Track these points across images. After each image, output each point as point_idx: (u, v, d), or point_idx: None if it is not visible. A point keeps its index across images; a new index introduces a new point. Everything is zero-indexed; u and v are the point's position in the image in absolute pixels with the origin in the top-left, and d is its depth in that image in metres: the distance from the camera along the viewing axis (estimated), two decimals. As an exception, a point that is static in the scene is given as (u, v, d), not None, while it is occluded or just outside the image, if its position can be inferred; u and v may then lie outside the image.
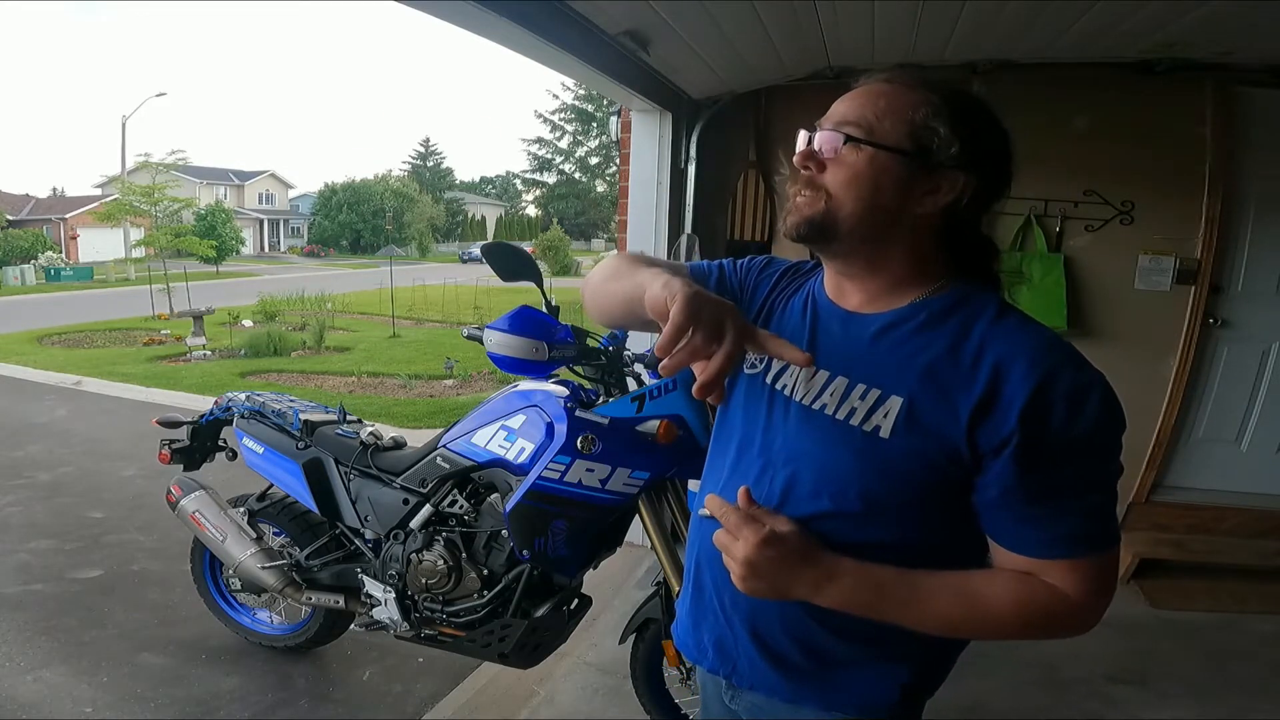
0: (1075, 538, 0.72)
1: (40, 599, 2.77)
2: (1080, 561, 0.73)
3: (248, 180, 40.53)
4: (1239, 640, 2.56)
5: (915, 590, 0.75)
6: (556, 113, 42.28)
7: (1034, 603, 0.73)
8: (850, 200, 0.76)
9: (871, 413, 0.76)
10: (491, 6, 1.77)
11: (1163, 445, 3.02)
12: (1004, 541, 0.75)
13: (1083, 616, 0.74)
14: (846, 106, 0.78)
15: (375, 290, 15.51)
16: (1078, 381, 0.70)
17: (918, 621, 0.76)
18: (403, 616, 1.97)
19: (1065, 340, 0.75)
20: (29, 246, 24.84)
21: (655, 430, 1.66)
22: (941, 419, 0.73)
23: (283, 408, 2.22)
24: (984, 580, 0.76)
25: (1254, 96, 2.78)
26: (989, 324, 0.75)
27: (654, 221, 3.10)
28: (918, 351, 0.76)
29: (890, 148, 0.75)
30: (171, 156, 15.72)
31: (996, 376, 0.71)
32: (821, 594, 0.76)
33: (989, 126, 0.78)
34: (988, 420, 0.71)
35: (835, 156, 0.77)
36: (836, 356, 0.82)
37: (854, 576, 0.75)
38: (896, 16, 2.27)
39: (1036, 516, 0.73)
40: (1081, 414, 0.70)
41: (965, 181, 0.75)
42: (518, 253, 1.76)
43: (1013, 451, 0.70)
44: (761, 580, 0.76)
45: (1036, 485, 0.71)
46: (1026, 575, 0.74)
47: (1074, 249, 2.97)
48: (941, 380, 0.74)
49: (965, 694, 0.80)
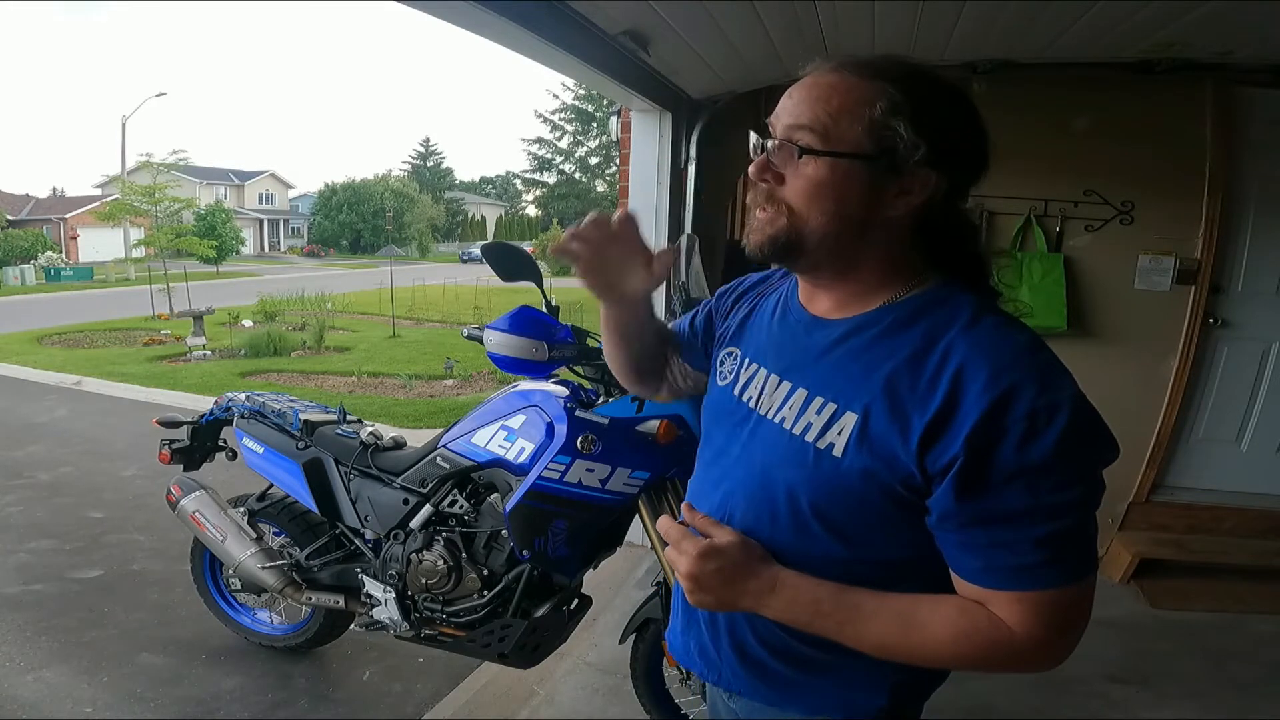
0: (1020, 569, 0.65)
1: (40, 599, 2.77)
2: (1028, 595, 0.66)
3: (248, 180, 40.53)
4: (1239, 640, 2.56)
5: (856, 611, 0.71)
6: (556, 113, 42.26)
7: (974, 635, 0.68)
8: (814, 214, 0.70)
9: (826, 429, 0.72)
10: (491, 6, 1.77)
11: (1163, 445, 3.01)
12: (953, 566, 0.70)
13: (1033, 654, 0.68)
14: (796, 106, 0.71)
15: (375, 290, 15.50)
16: (1041, 401, 0.63)
17: (854, 642, 0.72)
18: (403, 616, 1.96)
19: (1043, 347, 0.68)
20: (29, 246, 24.85)
21: (655, 430, 1.66)
22: (893, 439, 0.68)
23: (283, 408, 2.22)
24: (929, 607, 0.70)
25: (1254, 96, 2.78)
26: (960, 329, 0.69)
27: (654, 221, 3.10)
28: (879, 361, 0.71)
29: (849, 154, 0.68)
30: (172, 156, 15.73)
31: (954, 390, 0.65)
32: (764, 606, 0.74)
33: (954, 110, 0.71)
34: (938, 442, 0.65)
35: (793, 167, 0.71)
36: (799, 366, 0.78)
37: (794, 589, 0.73)
38: (896, 16, 2.27)
39: (979, 544, 0.67)
40: (1040, 438, 0.62)
41: (939, 178, 0.69)
42: (518, 253, 1.76)
43: (955, 475, 0.64)
44: (706, 593, 0.74)
45: (976, 512, 0.65)
46: (973, 605, 0.68)
47: (1074, 249, 2.97)
48: (898, 395, 0.68)
49: (966, 694, 0.80)
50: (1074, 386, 0.65)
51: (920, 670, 0.81)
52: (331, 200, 41.19)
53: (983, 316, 0.70)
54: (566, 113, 41.75)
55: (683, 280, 1.78)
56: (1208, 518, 3.05)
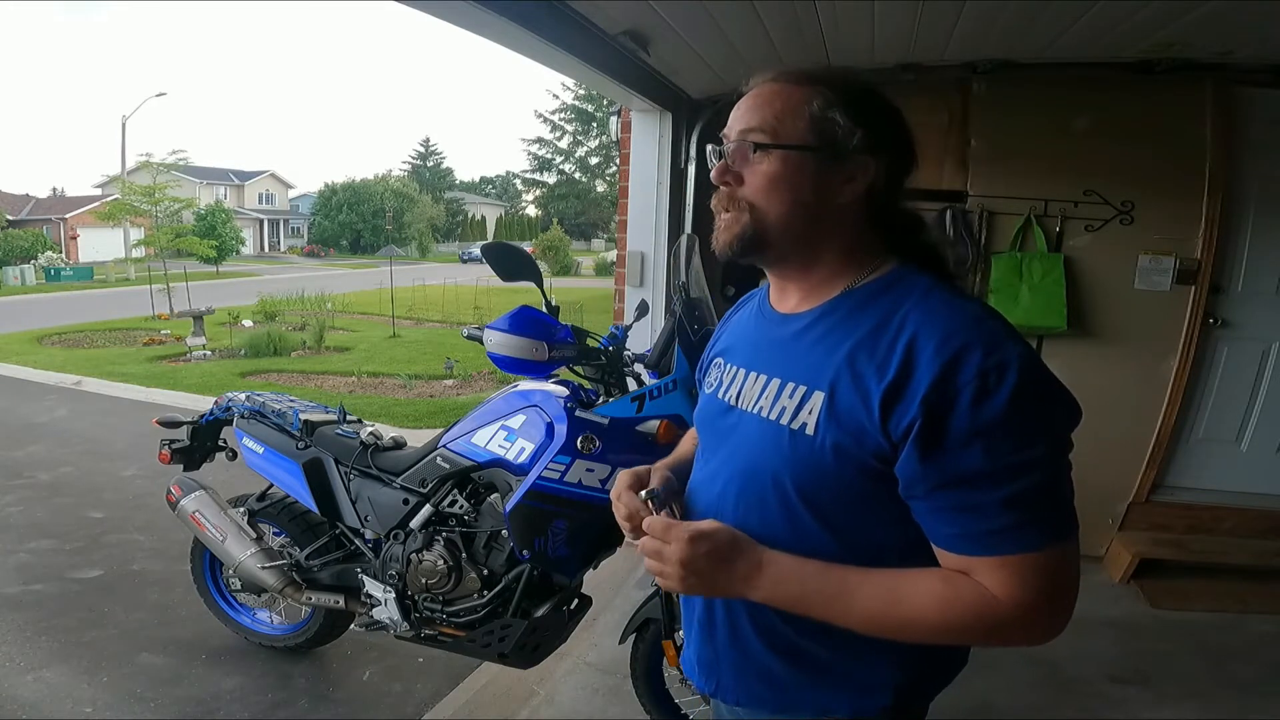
0: (993, 533, 0.66)
1: (40, 599, 2.77)
2: (1008, 560, 0.67)
3: (248, 180, 40.53)
4: (1239, 640, 2.56)
5: (842, 585, 0.73)
6: (556, 113, 42.26)
7: (958, 604, 0.69)
8: (773, 206, 0.77)
9: (799, 410, 0.75)
10: (491, 6, 1.77)
11: (1163, 445, 3.01)
12: (931, 537, 0.72)
13: (1023, 622, 0.68)
14: (745, 115, 0.79)
15: (375, 290, 15.51)
16: (991, 360, 0.65)
17: (843, 619, 0.73)
18: (403, 616, 1.96)
19: (994, 315, 0.71)
20: (29, 246, 24.84)
21: (655, 430, 1.66)
22: (857, 410, 0.71)
23: (283, 408, 2.22)
24: (913, 578, 0.72)
25: (1254, 96, 2.77)
26: (913, 303, 0.73)
27: (654, 221, 3.10)
28: (841, 340, 0.75)
29: (797, 146, 0.76)
30: (172, 156, 15.72)
31: (908, 357, 0.69)
32: (752, 587, 0.75)
33: (882, 106, 0.79)
34: (896, 406, 0.68)
35: (749, 166, 0.78)
36: (771, 358, 0.83)
37: (780, 567, 0.74)
38: (896, 16, 2.27)
39: (950, 509, 0.68)
40: (993, 396, 0.64)
41: (876, 164, 0.77)
42: (518, 253, 1.76)
43: (914, 437, 0.67)
44: (698, 576, 0.75)
45: (942, 475, 0.67)
46: (956, 575, 0.70)
47: (1074, 249, 2.97)
48: (858, 368, 0.72)
49: (967, 694, 0.81)
50: (1023, 347, 0.68)
51: (923, 668, 0.82)
52: (331, 200, 41.18)
53: (935, 291, 0.75)
54: (566, 113, 41.76)
55: (683, 280, 1.78)
56: (1208, 518, 3.05)
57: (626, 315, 2.53)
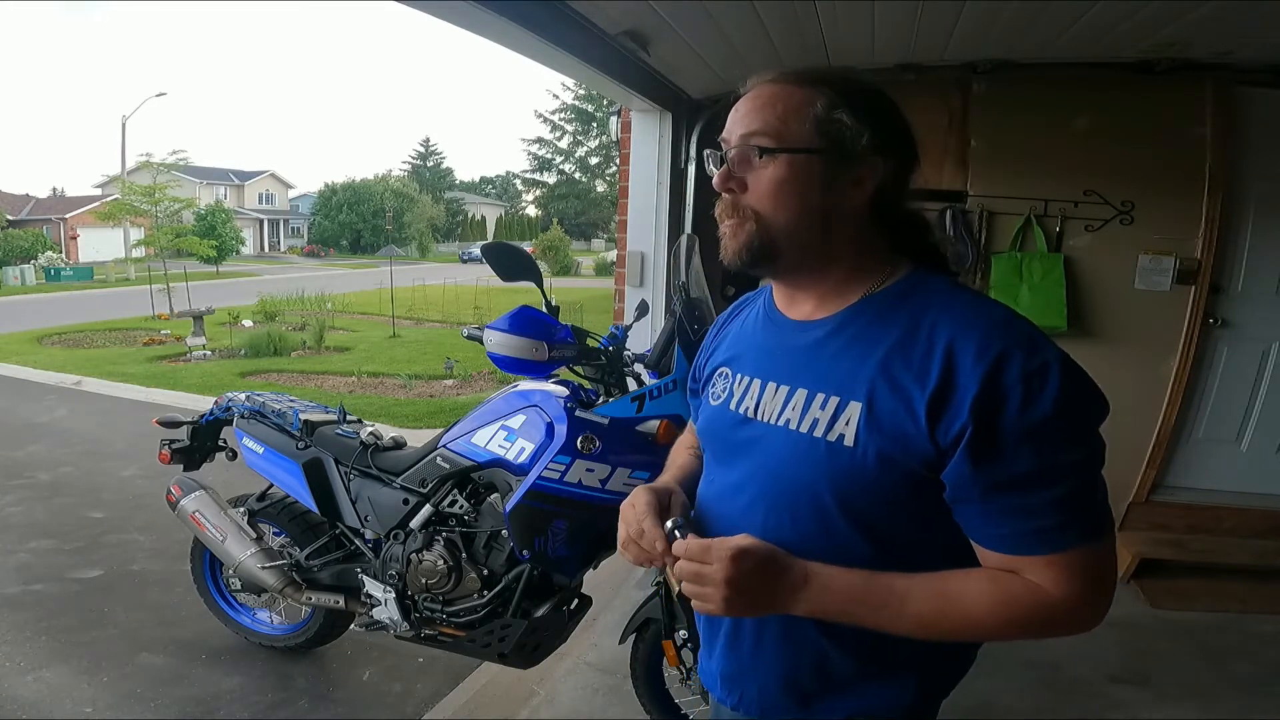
0: (1046, 531, 0.68)
1: (40, 599, 2.77)
2: (1058, 557, 0.68)
3: (248, 180, 40.53)
4: (1239, 640, 2.56)
5: (890, 593, 0.72)
6: (556, 113, 42.26)
7: (1013, 602, 0.70)
8: (780, 212, 0.75)
9: (833, 422, 0.74)
10: (491, 6, 1.77)
11: (1163, 445, 3.01)
12: (977, 539, 0.72)
13: (1072, 615, 0.70)
14: (747, 118, 0.76)
15: (375, 290, 15.50)
16: (1033, 363, 0.66)
17: (892, 624, 0.73)
18: (403, 616, 1.96)
19: (1021, 318, 0.72)
20: (29, 246, 24.84)
21: (655, 430, 1.66)
22: (901, 418, 0.70)
23: (283, 408, 2.22)
24: (961, 580, 0.72)
25: (1254, 96, 2.77)
26: (939, 308, 0.73)
27: (654, 221, 3.10)
28: (870, 349, 0.74)
29: (804, 149, 0.73)
30: (172, 156, 15.74)
31: (948, 363, 0.69)
32: (798, 600, 0.73)
33: (886, 105, 0.77)
34: (944, 414, 0.68)
35: (753, 172, 0.75)
36: (793, 368, 0.80)
37: (826, 578, 0.73)
38: (896, 16, 2.27)
39: (1001, 511, 0.69)
40: (1039, 399, 0.66)
41: (884, 164, 0.75)
42: (518, 253, 1.76)
43: (966, 444, 0.67)
44: (743, 595, 0.72)
45: (995, 478, 0.68)
46: (1005, 574, 0.71)
47: (1074, 249, 2.97)
48: (895, 376, 0.71)
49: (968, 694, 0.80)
50: (1057, 348, 0.69)
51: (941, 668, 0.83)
52: (331, 200, 41.17)
53: (957, 294, 0.75)
54: (566, 113, 41.76)
55: (683, 280, 1.78)
56: (1208, 518, 3.05)
57: (626, 315, 2.53)
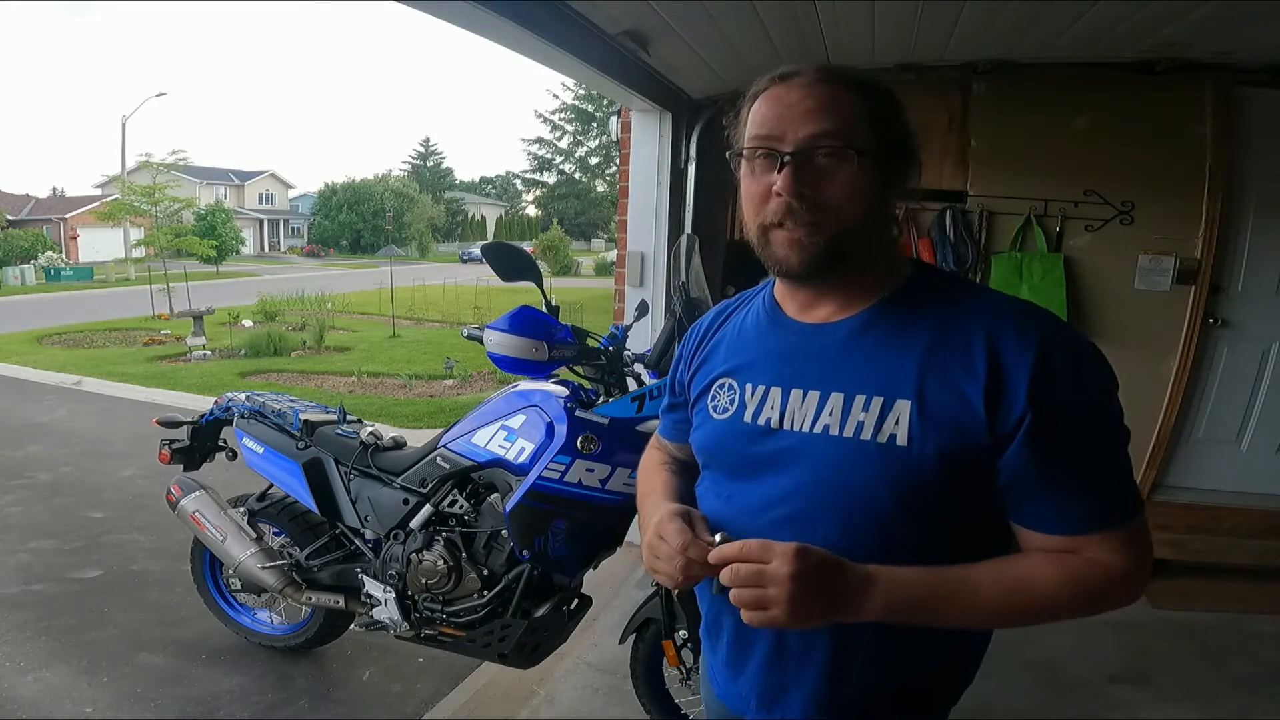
0: (1108, 508, 0.71)
1: (40, 599, 2.77)
2: (1117, 532, 0.71)
3: (248, 180, 40.53)
4: (1239, 640, 2.56)
5: (962, 583, 0.71)
6: (556, 113, 42.25)
7: (1081, 579, 0.71)
8: (853, 216, 0.73)
9: (881, 422, 0.72)
10: (491, 6, 1.77)
11: (1163, 445, 3.01)
12: (1036, 524, 0.73)
13: (1130, 586, 0.73)
14: (808, 118, 0.72)
15: (375, 290, 15.50)
16: (1070, 347, 0.71)
17: (962, 616, 0.72)
18: (403, 616, 1.96)
19: (1035, 304, 0.76)
20: (29, 246, 24.83)
21: (655, 430, 1.65)
22: (956, 411, 0.71)
23: (283, 408, 2.22)
24: (1022, 565, 0.73)
25: (1254, 96, 2.77)
26: (962, 302, 0.76)
27: (654, 221, 3.10)
28: (906, 346, 0.74)
29: (873, 151, 0.73)
30: (171, 157, 15.79)
31: (992, 355, 0.70)
32: (868, 600, 0.69)
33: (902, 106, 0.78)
34: (1001, 403, 0.69)
35: (824, 175, 0.72)
36: (822, 373, 0.77)
37: (892, 576, 0.70)
38: (896, 16, 2.27)
39: (1063, 493, 0.70)
40: (1086, 381, 0.70)
41: (916, 166, 0.78)
42: (518, 253, 1.76)
43: (1027, 430, 0.68)
44: (814, 594, 0.66)
45: (1055, 461, 0.70)
46: (1061, 555, 0.72)
47: (1074, 249, 2.97)
48: (943, 371, 0.72)
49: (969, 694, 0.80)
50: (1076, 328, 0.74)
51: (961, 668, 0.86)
52: (331, 200, 41.18)
53: (968, 285, 0.79)
54: (566, 113, 41.75)
55: (682, 280, 1.78)
56: (1208, 518, 3.04)
57: (626, 315, 2.52)
